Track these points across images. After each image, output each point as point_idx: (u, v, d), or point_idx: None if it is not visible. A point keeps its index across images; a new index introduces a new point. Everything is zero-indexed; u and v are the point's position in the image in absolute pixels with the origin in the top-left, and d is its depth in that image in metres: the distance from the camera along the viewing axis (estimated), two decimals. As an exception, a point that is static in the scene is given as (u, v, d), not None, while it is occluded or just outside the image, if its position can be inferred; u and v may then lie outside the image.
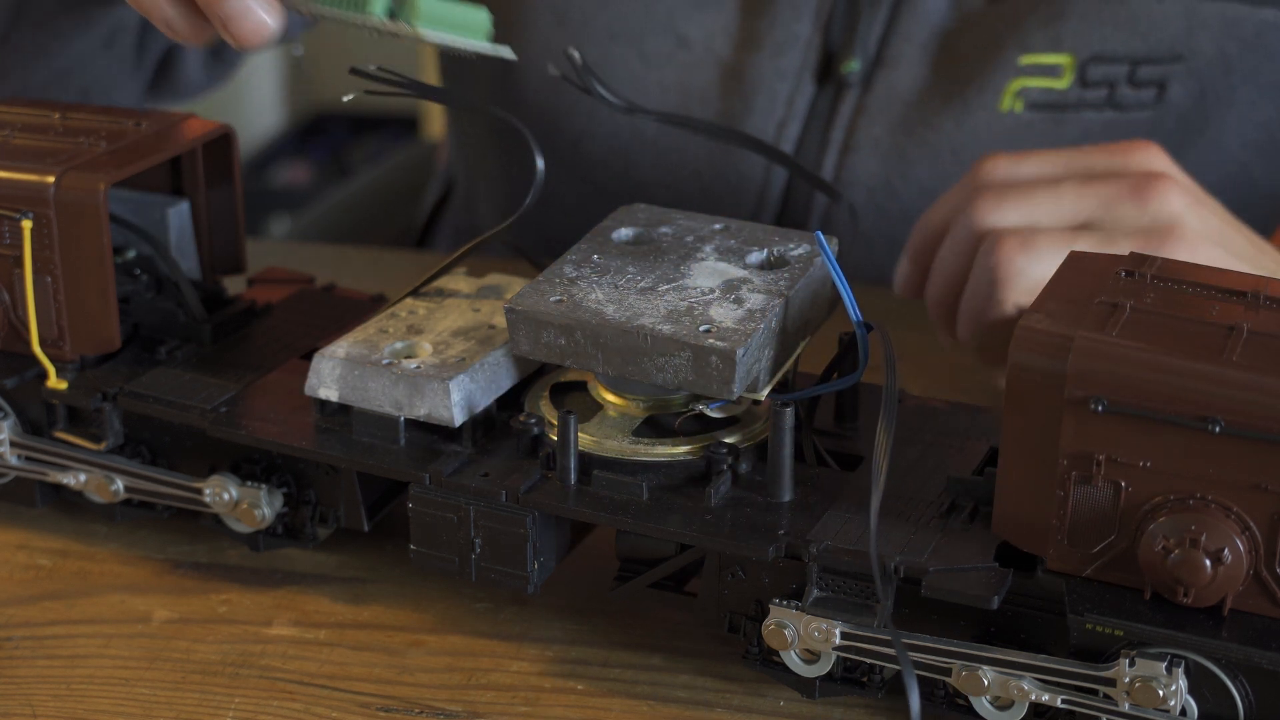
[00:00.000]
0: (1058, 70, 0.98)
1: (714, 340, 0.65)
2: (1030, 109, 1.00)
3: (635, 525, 0.66)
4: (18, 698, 0.69)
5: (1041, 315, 0.61)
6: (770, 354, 0.68)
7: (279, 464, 0.75)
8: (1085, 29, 0.98)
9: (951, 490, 0.67)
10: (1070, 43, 0.98)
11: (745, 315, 0.67)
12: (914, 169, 1.02)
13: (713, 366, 0.65)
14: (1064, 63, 0.98)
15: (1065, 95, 0.99)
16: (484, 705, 0.68)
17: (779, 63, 1.02)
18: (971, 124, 1.00)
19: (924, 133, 1.01)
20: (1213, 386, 0.58)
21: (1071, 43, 0.98)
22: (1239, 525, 0.59)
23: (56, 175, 0.74)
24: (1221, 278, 0.64)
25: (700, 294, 0.68)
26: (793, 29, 1.02)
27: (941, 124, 1.01)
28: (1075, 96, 0.99)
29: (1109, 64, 0.98)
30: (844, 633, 0.64)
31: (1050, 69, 0.98)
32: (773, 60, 1.02)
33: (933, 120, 1.01)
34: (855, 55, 1.01)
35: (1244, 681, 0.60)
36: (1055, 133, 1.00)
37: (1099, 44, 0.98)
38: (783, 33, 1.02)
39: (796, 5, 1.02)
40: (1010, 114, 1.00)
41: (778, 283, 0.69)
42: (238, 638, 0.72)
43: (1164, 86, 0.98)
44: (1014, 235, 0.78)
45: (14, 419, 0.78)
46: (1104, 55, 0.98)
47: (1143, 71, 0.98)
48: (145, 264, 0.82)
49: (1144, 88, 0.98)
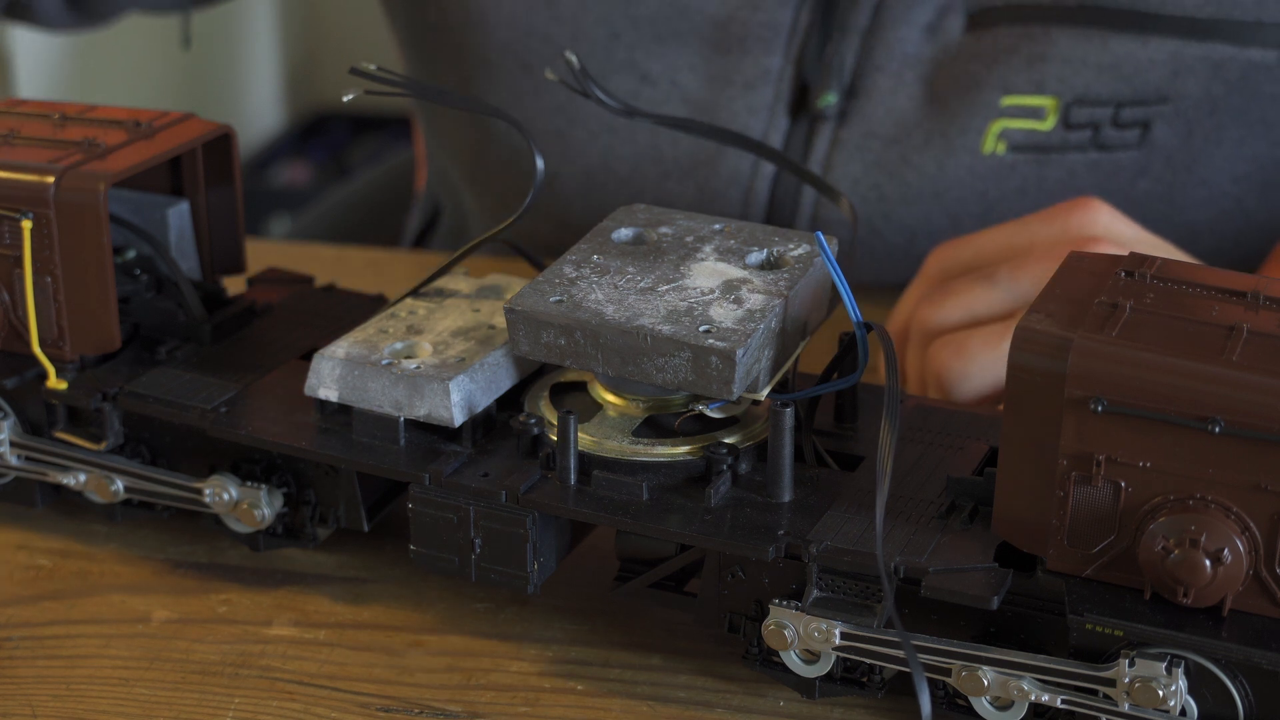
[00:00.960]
0: (1041, 112, 0.97)
1: (714, 340, 0.65)
2: (1013, 150, 0.98)
3: (635, 525, 0.66)
4: (18, 698, 0.69)
5: (1041, 315, 0.61)
6: (770, 354, 0.68)
7: (279, 464, 0.75)
8: (1068, 72, 0.96)
9: (951, 490, 0.67)
10: (1053, 86, 0.97)
11: (745, 315, 0.67)
12: (895, 210, 1.01)
13: (713, 367, 0.65)
14: (1047, 105, 0.97)
15: (1049, 137, 0.98)
16: (484, 705, 0.68)
17: (750, 98, 1.01)
18: (953, 166, 0.99)
19: (904, 173, 1.00)
20: (1213, 386, 0.58)
21: (1054, 86, 0.97)
22: (1239, 525, 0.59)
23: (56, 175, 0.74)
24: (1221, 278, 0.64)
25: (700, 294, 0.68)
26: (763, 63, 1.00)
27: (923, 165, 1.00)
28: (1059, 139, 0.98)
29: (1093, 106, 0.97)
30: (844, 633, 0.64)
31: (1033, 110, 0.97)
32: (744, 96, 1.01)
33: (913, 160, 1.00)
34: (831, 88, 1.00)
35: (1244, 681, 0.60)
36: (1038, 174, 0.99)
37: (1083, 87, 0.96)
38: (753, 68, 1.00)
39: (766, 39, 1.00)
40: (993, 156, 0.99)
41: (777, 283, 0.69)
42: (238, 638, 0.72)
43: (1148, 127, 0.97)
44: (947, 344, 0.80)
45: (14, 419, 0.78)
46: (1088, 98, 0.96)
47: (1126, 113, 0.97)
48: (145, 264, 0.82)
49: (1128, 129, 0.97)
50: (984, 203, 1.00)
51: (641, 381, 0.68)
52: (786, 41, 1.00)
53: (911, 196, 1.00)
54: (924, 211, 1.00)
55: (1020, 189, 0.99)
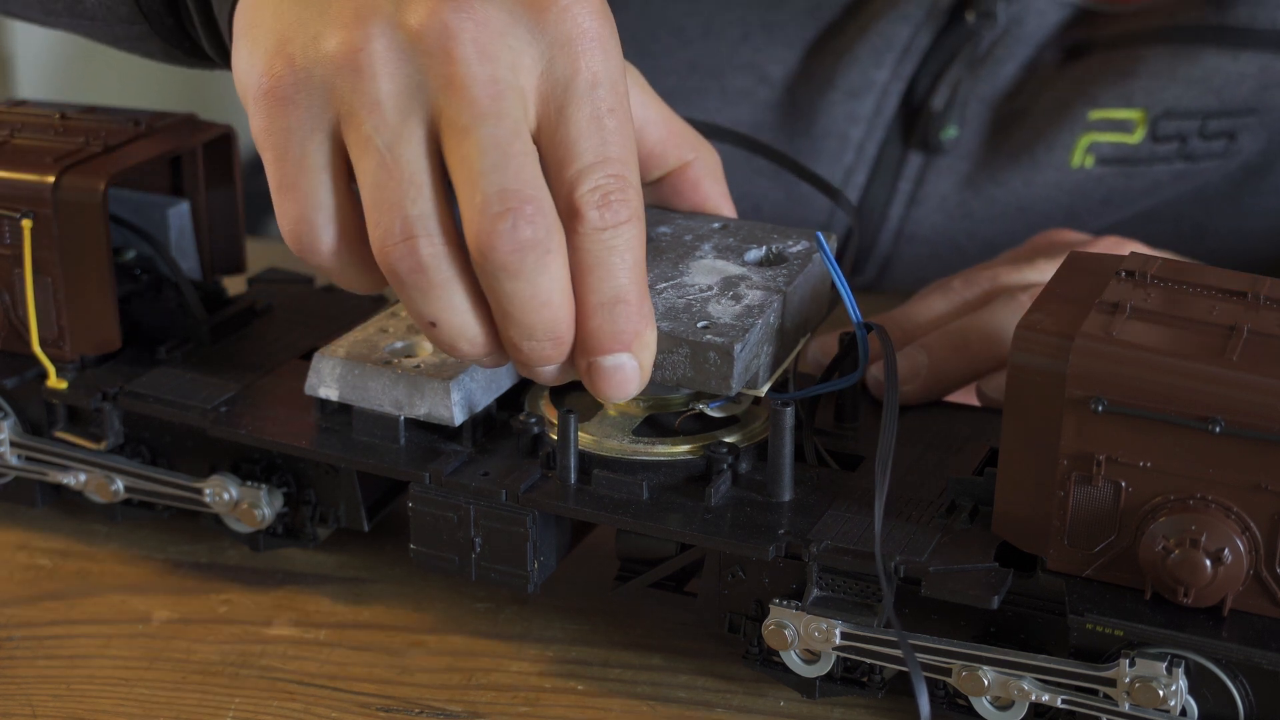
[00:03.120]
0: (1129, 125, 0.97)
1: (712, 336, 0.65)
2: (1101, 164, 0.99)
3: (635, 525, 0.66)
4: (18, 698, 0.69)
5: (1041, 315, 0.61)
6: (769, 350, 0.68)
7: (279, 464, 0.75)
8: (1157, 86, 0.97)
9: (951, 490, 0.67)
10: (1141, 99, 0.97)
11: (743, 311, 0.67)
12: (980, 226, 1.02)
13: (711, 362, 0.65)
14: (1135, 118, 0.97)
15: (1137, 150, 0.98)
16: (484, 705, 0.68)
17: (851, 106, 1.01)
18: (1041, 182, 1.00)
19: (992, 190, 1.01)
20: (1213, 386, 0.58)
21: (1143, 99, 0.97)
22: (1239, 525, 0.59)
23: (56, 175, 0.74)
24: (1221, 278, 0.64)
25: (698, 291, 0.68)
26: (870, 75, 1.01)
27: (1009, 181, 1.00)
28: (1147, 151, 0.98)
29: (1181, 119, 0.97)
30: (844, 632, 0.64)
31: (1121, 124, 0.97)
32: (845, 103, 1.01)
33: (1000, 178, 1.00)
34: (953, 121, 1.00)
35: (1244, 681, 0.60)
36: (1125, 186, 0.99)
37: (1172, 100, 0.97)
38: (860, 78, 1.01)
39: (879, 51, 1.00)
40: (1080, 169, 0.99)
41: (776, 279, 0.69)
42: (238, 638, 0.72)
43: (1234, 137, 0.97)
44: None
45: (14, 419, 0.78)
46: (1176, 111, 0.97)
47: (1213, 124, 0.97)
48: (145, 264, 0.82)
49: (1214, 139, 0.97)
50: (1069, 215, 1.00)
51: None
52: (899, 57, 1.00)
53: (997, 213, 1.01)
54: (1008, 226, 1.01)
55: (1105, 200, 0.99)
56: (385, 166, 0.60)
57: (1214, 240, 1.01)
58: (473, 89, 0.59)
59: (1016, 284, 0.79)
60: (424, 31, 0.59)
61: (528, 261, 0.59)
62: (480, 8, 0.59)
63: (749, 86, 1.03)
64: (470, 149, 0.59)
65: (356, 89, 0.60)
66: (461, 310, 0.61)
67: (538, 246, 0.59)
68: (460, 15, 0.59)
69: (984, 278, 0.81)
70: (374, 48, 0.59)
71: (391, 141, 0.60)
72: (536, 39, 0.60)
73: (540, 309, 0.60)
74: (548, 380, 0.64)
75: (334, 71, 0.60)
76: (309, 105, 0.61)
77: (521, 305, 0.60)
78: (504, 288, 0.60)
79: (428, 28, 0.59)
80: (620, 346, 0.62)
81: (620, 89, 0.61)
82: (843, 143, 1.01)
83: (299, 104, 0.61)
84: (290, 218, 0.62)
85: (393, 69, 0.59)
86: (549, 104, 0.60)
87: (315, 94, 0.60)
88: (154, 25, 0.74)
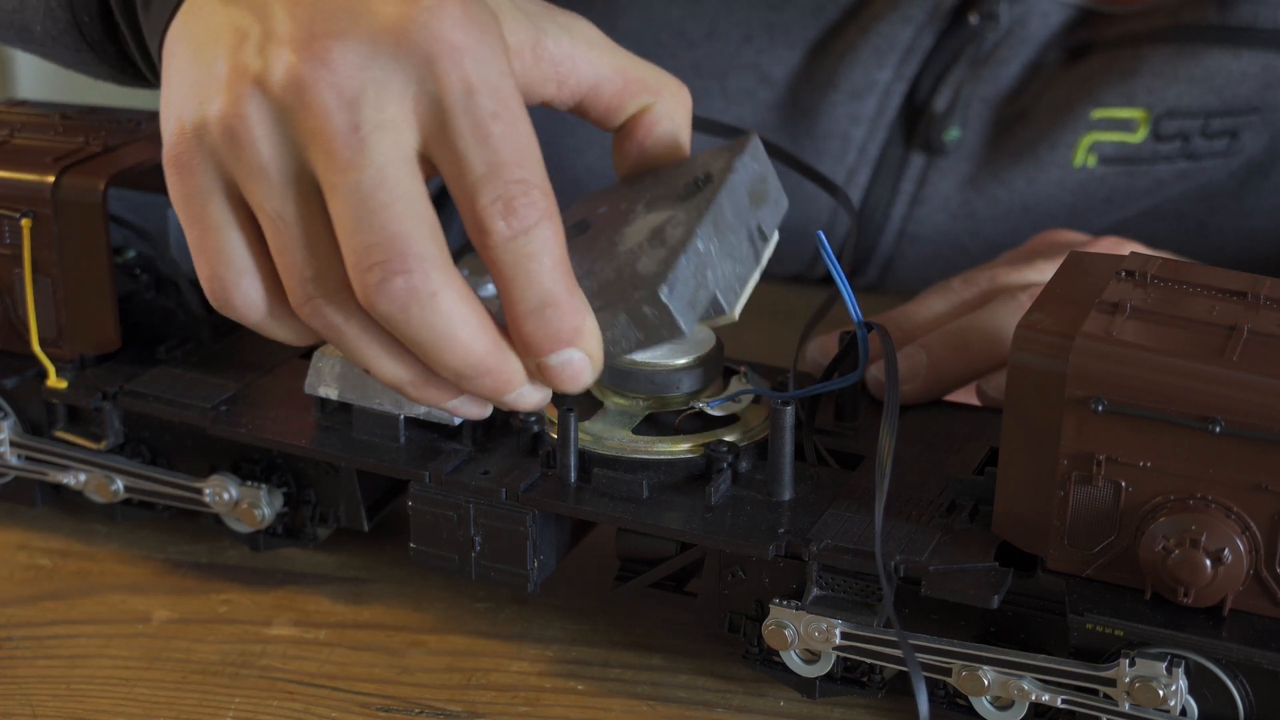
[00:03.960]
0: (1132, 124, 0.97)
1: (639, 292, 0.62)
2: (1104, 163, 0.99)
3: (635, 523, 0.66)
4: (18, 698, 0.69)
5: (1041, 315, 0.61)
6: (724, 272, 0.64)
7: (279, 463, 0.75)
8: (1159, 85, 0.97)
9: (951, 490, 0.67)
10: (1144, 98, 0.97)
11: (668, 253, 0.63)
12: (983, 226, 1.02)
13: (650, 316, 0.62)
14: (1138, 117, 0.97)
15: (1139, 149, 0.98)
16: (484, 705, 0.68)
17: (853, 107, 1.01)
18: (1044, 181, 1.00)
19: (995, 189, 1.01)
20: (1213, 386, 0.58)
21: (1145, 98, 0.97)
22: (1239, 525, 0.59)
23: (56, 175, 0.74)
24: (1221, 278, 0.64)
25: (629, 254, 0.64)
26: (872, 75, 1.01)
27: (1012, 180, 1.00)
28: (1149, 150, 0.98)
29: (1183, 118, 0.97)
30: (844, 632, 0.64)
31: (1124, 123, 0.97)
32: (847, 103, 1.02)
33: (1003, 177, 1.00)
34: (955, 123, 1.00)
35: (1244, 681, 0.60)
36: (1128, 184, 0.99)
37: (1174, 99, 0.97)
38: (862, 78, 1.01)
39: (881, 52, 1.00)
40: (1083, 169, 0.99)
41: (699, 205, 0.65)
42: (238, 638, 0.72)
43: (1236, 135, 0.97)
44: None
45: (14, 419, 0.78)
46: (1178, 110, 0.97)
47: (1216, 123, 0.97)
48: (145, 264, 0.82)
49: (1217, 138, 0.97)
50: (1072, 214, 1.00)
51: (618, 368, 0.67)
52: (901, 58, 1.00)
53: (1000, 213, 1.01)
54: (1011, 225, 1.01)
55: (1108, 199, 1.00)
56: (279, 231, 0.59)
57: (1217, 239, 1.01)
58: (333, 142, 0.58)
59: (1015, 284, 0.79)
60: (285, 90, 0.58)
61: (412, 312, 0.58)
62: (335, 50, 0.58)
63: (751, 87, 1.03)
64: (337, 205, 0.58)
65: (239, 158, 0.59)
66: (388, 358, 0.61)
67: (416, 294, 0.58)
68: (314, 65, 0.58)
69: (983, 278, 0.81)
70: (247, 113, 0.58)
71: (280, 208, 0.59)
72: (401, 63, 0.58)
73: (451, 349, 0.59)
74: (531, 405, 0.62)
75: (218, 140, 0.59)
76: (204, 171, 0.60)
77: (432, 351, 0.59)
78: (406, 338, 0.59)
79: (287, 86, 0.58)
80: (561, 345, 0.61)
81: (503, 91, 0.59)
82: (845, 143, 1.01)
83: (196, 170, 0.60)
84: (205, 276, 0.62)
85: (266, 132, 0.59)
86: (429, 124, 0.59)
87: (208, 160, 0.60)
88: (99, 53, 0.75)
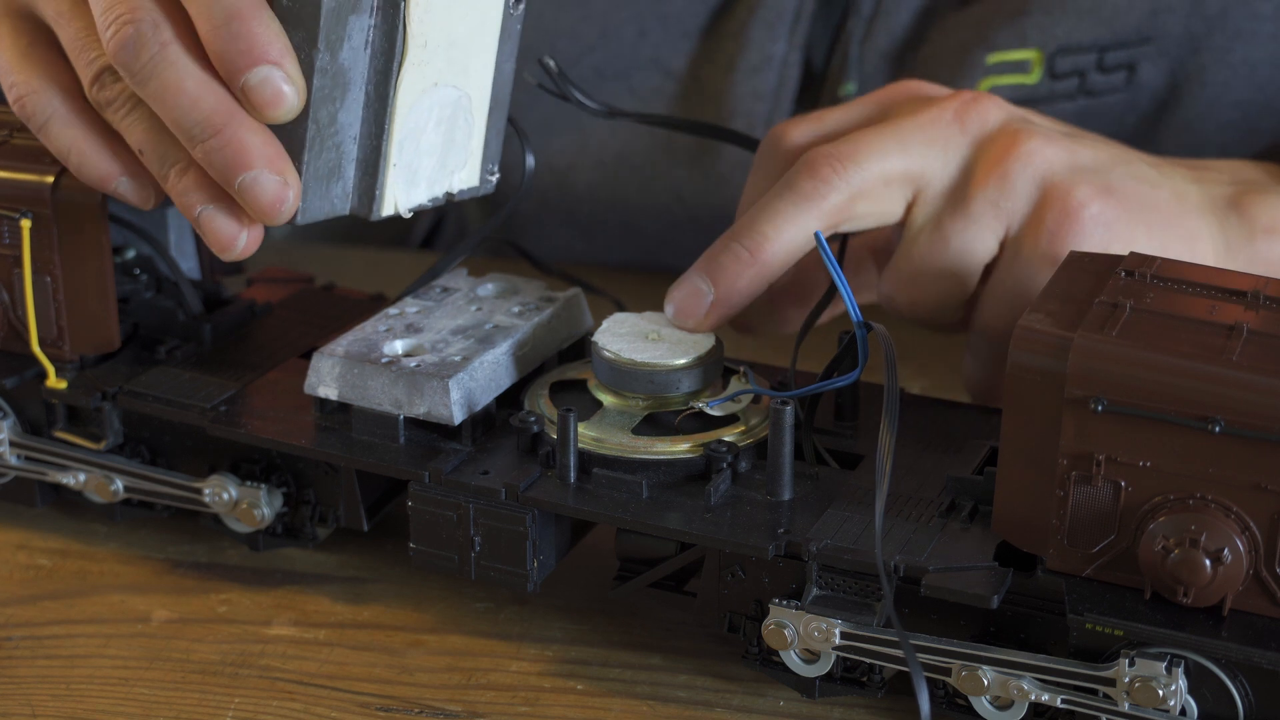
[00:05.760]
0: (1026, 65, 0.98)
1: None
2: None
3: (635, 523, 0.66)
4: (18, 698, 0.69)
5: (1041, 315, 0.61)
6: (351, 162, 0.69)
7: (278, 463, 0.75)
8: (1049, 22, 0.97)
9: (951, 489, 0.67)
10: (1036, 37, 0.97)
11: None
12: None
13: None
14: (1032, 58, 0.97)
15: (1036, 90, 0.98)
16: (484, 705, 0.68)
17: (754, 83, 1.02)
18: None
19: None
20: (1213, 386, 0.58)
21: (1037, 37, 0.97)
22: (1239, 525, 0.59)
23: (56, 175, 0.74)
24: (1221, 277, 0.64)
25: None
26: (767, 49, 1.01)
27: None
28: (1046, 90, 0.98)
29: (1076, 54, 0.97)
30: (844, 632, 0.64)
31: (1019, 65, 0.98)
32: (748, 80, 1.02)
33: None
34: (850, 77, 1.00)
35: (1244, 681, 0.60)
36: None
37: (1065, 36, 0.97)
38: (757, 54, 1.01)
39: (771, 24, 1.01)
40: None
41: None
42: (238, 638, 0.72)
43: (1134, 69, 0.98)
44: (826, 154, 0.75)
45: (14, 419, 0.78)
46: (1070, 46, 0.97)
47: (1111, 57, 0.97)
48: (145, 264, 0.82)
49: (1113, 72, 0.98)
50: None
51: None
52: (791, 27, 1.00)
53: None
54: None
55: None
56: (61, 30, 0.70)
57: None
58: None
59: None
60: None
61: (143, 59, 0.65)
62: None
63: (657, 83, 1.03)
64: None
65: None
66: (140, 127, 0.67)
67: (145, 42, 0.64)
68: None
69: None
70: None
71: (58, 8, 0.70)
72: None
73: (178, 100, 0.64)
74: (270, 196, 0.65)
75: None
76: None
77: (160, 101, 0.65)
78: (145, 94, 0.66)
79: None
80: (255, 60, 0.64)
81: None
82: (750, 121, 1.02)
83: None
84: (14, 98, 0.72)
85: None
86: None
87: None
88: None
